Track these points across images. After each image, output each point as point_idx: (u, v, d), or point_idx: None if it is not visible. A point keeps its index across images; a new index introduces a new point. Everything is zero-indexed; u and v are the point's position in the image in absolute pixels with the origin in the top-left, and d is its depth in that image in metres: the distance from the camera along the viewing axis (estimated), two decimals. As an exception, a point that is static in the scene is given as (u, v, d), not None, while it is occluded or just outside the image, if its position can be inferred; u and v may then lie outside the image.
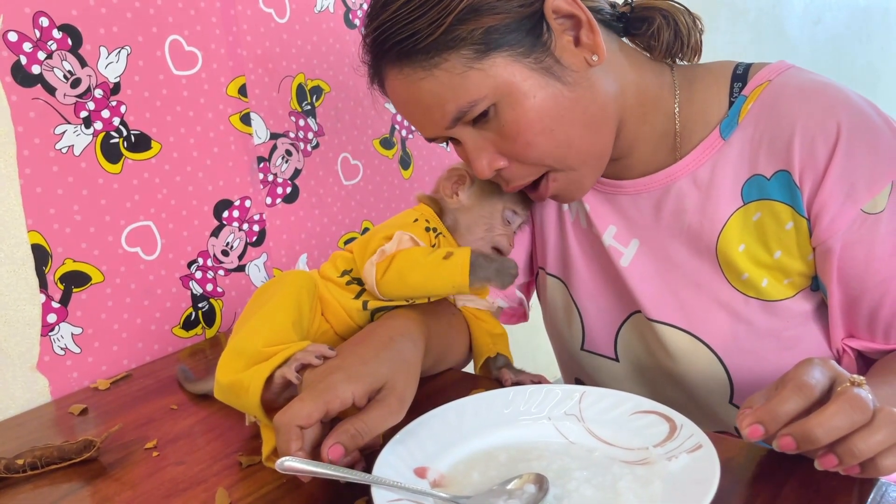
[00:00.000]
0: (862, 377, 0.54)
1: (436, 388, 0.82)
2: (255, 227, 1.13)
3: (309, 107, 1.19)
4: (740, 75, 0.77)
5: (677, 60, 0.81)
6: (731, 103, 0.76)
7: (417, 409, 0.68)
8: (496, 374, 0.82)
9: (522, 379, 0.79)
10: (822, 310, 0.77)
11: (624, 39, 0.80)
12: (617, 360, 0.88)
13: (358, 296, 0.79)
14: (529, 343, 1.34)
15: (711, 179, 0.77)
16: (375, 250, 0.76)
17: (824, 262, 0.72)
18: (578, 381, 0.96)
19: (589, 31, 0.71)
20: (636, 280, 0.83)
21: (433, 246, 0.80)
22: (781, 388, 0.54)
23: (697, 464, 0.56)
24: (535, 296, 1.02)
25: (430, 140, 0.77)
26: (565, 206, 0.90)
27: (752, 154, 0.74)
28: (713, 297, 0.78)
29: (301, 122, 1.18)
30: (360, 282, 0.79)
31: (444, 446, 0.64)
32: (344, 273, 0.80)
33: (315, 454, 0.60)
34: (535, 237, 0.95)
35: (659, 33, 0.77)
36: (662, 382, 0.85)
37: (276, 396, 0.67)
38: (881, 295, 0.71)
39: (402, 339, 0.69)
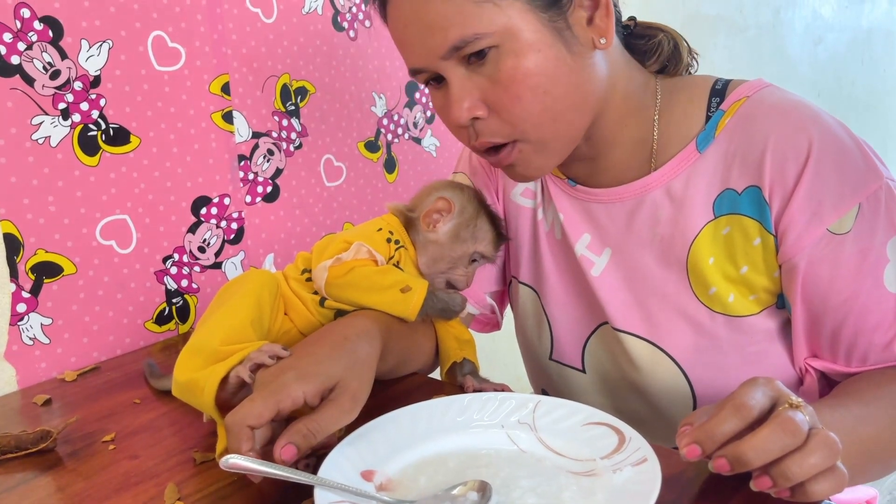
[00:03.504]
0: (801, 399, 0.54)
1: (399, 392, 0.82)
2: (234, 225, 1.14)
3: (293, 107, 1.19)
4: (719, 90, 0.78)
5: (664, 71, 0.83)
6: (708, 118, 0.77)
7: (378, 412, 0.68)
8: (460, 380, 0.82)
9: (485, 387, 0.80)
10: (787, 328, 0.77)
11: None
12: (584, 371, 0.88)
13: (316, 291, 0.81)
14: (512, 350, 1.33)
15: (685, 192, 0.77)
16: (333, 255, 0.78)
17: (789, 280, 0.72)
18: (545, 391, 0.96)
19: (604, 14, 0.71)
20: (605, 289, 0.83)
21: (391, 258, 0.81)
22: (720, 408, 0.54)
23: (640, 476, 0.56)
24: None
25: (415, 72, 0.73)
26: (540, 215, 0.90)
27: (726, 168, 0.75)
28: (679, 309, 0.78)
29: (284, 122, 1.18)
30: None
31: (395, 450, 0.64)
32: (304, 271, 0.82)
33: (266, 454, 0.60)
34: (508, 246, 0.95)
35: (660, 46, 0.81)
36: (627, 394, 0.85)
37: (232, 396, 0.67)
38: (843, 315, 0.71)
39: (357, 338, 0.69)
